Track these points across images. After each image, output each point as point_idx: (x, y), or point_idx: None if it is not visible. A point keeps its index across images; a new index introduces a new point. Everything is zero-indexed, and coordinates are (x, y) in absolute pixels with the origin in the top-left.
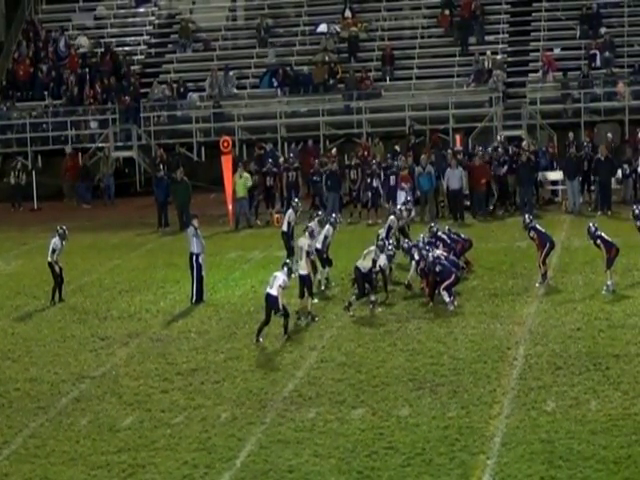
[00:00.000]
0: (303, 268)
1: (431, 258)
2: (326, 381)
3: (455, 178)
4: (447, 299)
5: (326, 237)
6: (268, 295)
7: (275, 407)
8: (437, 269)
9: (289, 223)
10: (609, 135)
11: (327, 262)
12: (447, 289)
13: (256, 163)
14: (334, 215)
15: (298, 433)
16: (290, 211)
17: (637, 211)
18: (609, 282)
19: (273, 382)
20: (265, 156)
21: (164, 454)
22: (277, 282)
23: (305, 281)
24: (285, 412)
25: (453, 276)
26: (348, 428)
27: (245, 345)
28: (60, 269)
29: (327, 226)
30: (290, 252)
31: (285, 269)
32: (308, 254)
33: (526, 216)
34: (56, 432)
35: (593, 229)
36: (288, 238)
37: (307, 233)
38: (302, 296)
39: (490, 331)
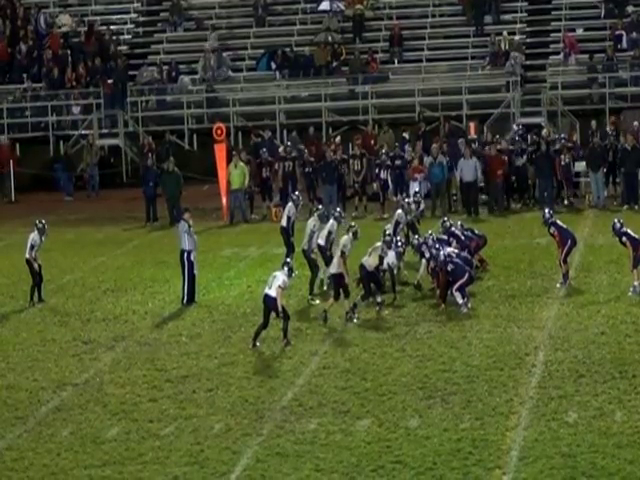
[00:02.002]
0: (334, 266)
1: (442, 256)
2: (328, 389)
3: (469, 169)
4: (460, 300)
5: (330, 233)
6: (266, 296)
7: (273, 417)
8: (449, 268)
9: (289, 218)
10: (635, 123)
11: (330, 260)
12: (460, 290)
13: (250, 152)
14: (338, 209)
15: (298, 446)
16: (290, 205)
17: None
18: (636, 283)
19: (271, 390)
20: (262, 144)
21: (152, 468)
22: (276, 282)
23: (337, 281)
24: (284, 423)
25: (467, 275)
26: (352, 440)
27: (241, 350)
28: (39, 267)
29: (331, 221)
30: (290, 249)
31: (285, 269)
32: (343, 254)
33: (546, 211)
34: (35, 444)
35: (618, 225)
36: (288, 234)
37: (351, 233)
38: (337, 297)
39: (507, 335)
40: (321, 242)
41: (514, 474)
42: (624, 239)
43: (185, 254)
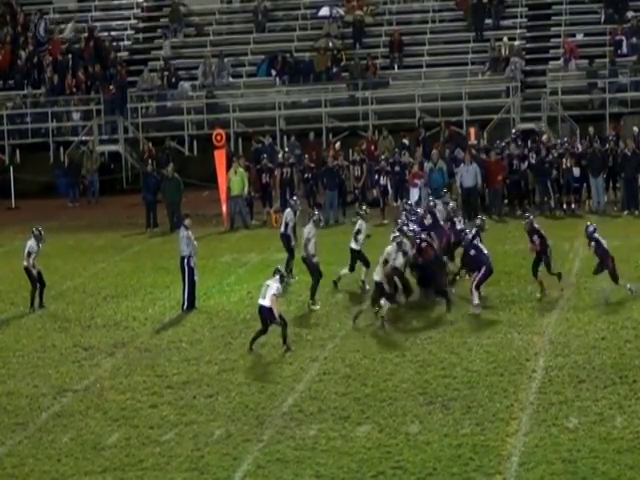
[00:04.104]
0: (378, 274)
1: (468, 235)
2: (329, 395)
3: (469, 175)
4: (476, 301)
5: (358, 232)
6: (261, 307)
7: (273, 423)
8: (471, 252)
9: (287, 224)
10: (635, 128)
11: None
12: (478, 287)
13: (250, 158)
14: (364, 207)
15: (298, 452)
16: (288, 210)
17: None
18: (604, 287)
19: (271, 396)
20: (263, 150)
21: (153, 474)
22: (270, 291)
23: (379, 288)
24: (284, 429)
25: (484, 268)
26: (353, 446)
27: (241, 356)
28: (39, 273)
29: (359, 220)
30: (291, 255)
31: (277, 276)
32: (386, 262)
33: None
34: (36, 450)
35: (591, 229)
36: (288, 240)
37: (395, 244)
38: (374, 303)
39: (507, 341)
40: (355, 246)
41: None
42: (593, 244)
43: (185, 260)
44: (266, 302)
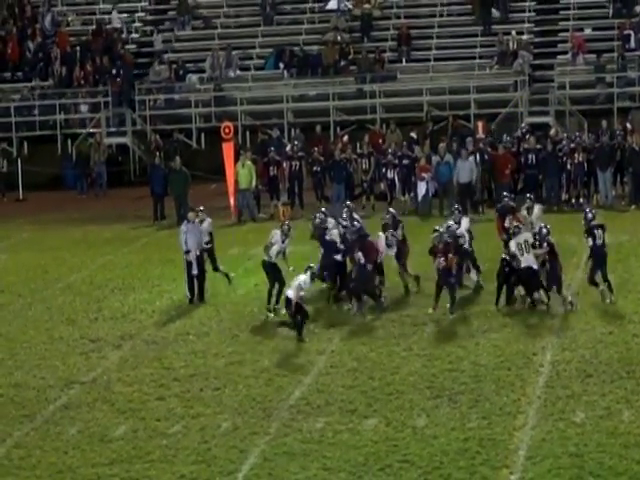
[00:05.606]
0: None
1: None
2: (336, 388)
3: (465, 170)
4: (573, 299)
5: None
6: (286, 298)
7: (280, 416)
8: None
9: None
10: (628, 125)
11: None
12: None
13: (257, 151)
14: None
15: (305, 444)
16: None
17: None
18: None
19: (278, 389)
20: (270, 143)
21: (160, 466)
22: (296, 282)
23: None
24: (291, 422)
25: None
26: (360, 439)
27: (248, 349)
28: None
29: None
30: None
31: (308, 272)
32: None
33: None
34: (43, 442)
35: (545, 231)
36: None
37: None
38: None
39: (514, 335)
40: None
41: (521, 474)
42: (545, 245)
43: (184, 254)
44: (290, 293)
